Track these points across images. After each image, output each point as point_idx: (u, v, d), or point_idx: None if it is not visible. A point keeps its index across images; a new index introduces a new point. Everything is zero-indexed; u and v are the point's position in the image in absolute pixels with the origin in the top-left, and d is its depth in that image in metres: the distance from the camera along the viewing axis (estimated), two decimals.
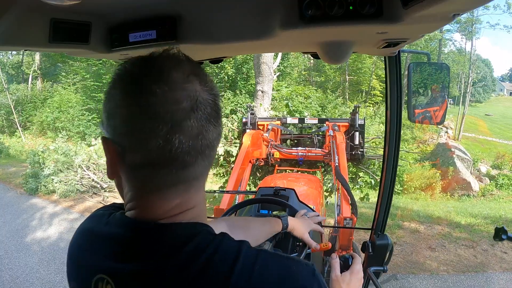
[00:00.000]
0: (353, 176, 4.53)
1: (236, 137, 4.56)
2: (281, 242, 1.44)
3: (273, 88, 8.45)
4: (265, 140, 3.25)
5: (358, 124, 3.51)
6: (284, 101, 10.29)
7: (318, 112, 9.65)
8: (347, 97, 18.61)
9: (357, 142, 3.49)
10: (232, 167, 2.56)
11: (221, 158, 4.42)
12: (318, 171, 3.82)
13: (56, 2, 0.60)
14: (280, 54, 9.30)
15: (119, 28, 0.84)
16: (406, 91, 1.19)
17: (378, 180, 3.90)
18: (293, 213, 1.40)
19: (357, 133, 3.49)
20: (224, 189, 2.52)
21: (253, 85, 10.17)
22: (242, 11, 0.78)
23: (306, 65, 20.60)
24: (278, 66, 9.50)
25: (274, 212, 1.14)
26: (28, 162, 7.03)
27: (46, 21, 0.75)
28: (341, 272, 0.96)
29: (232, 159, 4.34)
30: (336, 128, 3.42)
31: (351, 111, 3.68)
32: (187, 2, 0.78)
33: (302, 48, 1.03)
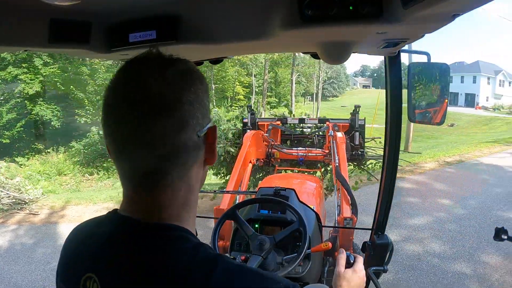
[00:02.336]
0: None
1: (236, 137, 4.56)
2: (281, 243, 1.44)
3: None
4: (266, 140, 3.25)
5: (359, 125, 3.51)
6: None
7: None
8: (214, 103, 19.99)
9: (357, 142, 3.49)
10: (233, 167, 2.55)
11: (221, 158, 4.42)
12: (318, 171, 3.82)
13: (56, 2, 0.60)
14: None
15: (119, 28, 0.84)
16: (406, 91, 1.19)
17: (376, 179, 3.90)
18: (302, 225, 1.40)
19: (357, 134, 3.49)
20: (224, 189, 2.51)
21: None
22: (242, 11, 0.78)
23: None
24: None
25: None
26: None
27: (46, 21, 0.75)
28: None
29: (233, 159, 4.34)
30: (337, 128, 3.42)
31: (352, 111, 3.67)
32: (187, 2, 0.78)
33: (302, 48, 1.03)
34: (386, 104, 1.29)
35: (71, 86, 11.28)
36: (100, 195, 6.49)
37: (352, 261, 1.00)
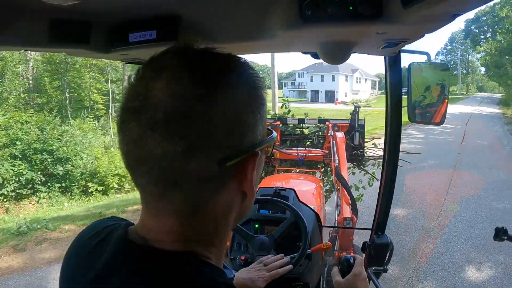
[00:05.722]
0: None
1: None
2: (281, 243, 1.44)
3: None
4: None
5: (358, 125, 3.51)
6: (2, 130, 9.62)
7: (38, 135, 9.64)
8: (69, 115, 17.41)
9: (357, 142, 3.49)
10: None
11: None
12: (318, 172, 3.82)
13: (56, 2, 0.60)
14: None
15: (119, 28, 0.84)
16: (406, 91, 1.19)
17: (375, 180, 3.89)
18: (296, 216, 1.40)
19: (357, 134, 3.49)
20: None
21: None
22: (242, 11, 0.78)
23: (25, 87, 18.51)
24: None
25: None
26: None
27: (46, 21, 0.75)
28: (344, 276, 0.94)
29: None
30: (336, 128, 3.42)
31: (351, 111, 3.67)
32: (187, 2, 0.78)
33: (302, 48, 1.03)
34: (386, 104, 1.29)
35: None
36: None
37: (352, 262, 0.97)
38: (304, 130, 4.13)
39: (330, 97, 46.67)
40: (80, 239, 0.52)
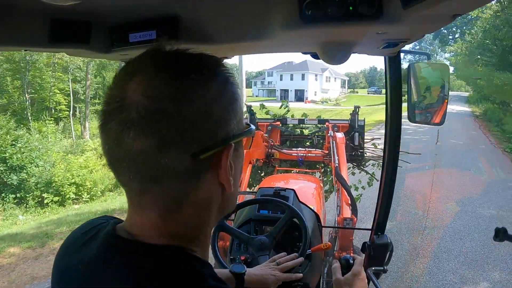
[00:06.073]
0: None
1: None
2: (281, 243, 1.44)
3: None
4: (265, 141, 3.25)
5: (358, 125, 3.51)
6: None
7: None
8: (29, 117, 16.20)
9: (356, 143, 3.49)
10: None
11: None
12: (317, 172, 3.82)
13: (56, 2, 0.60)
14: None
15: (119, 28, 0.84)
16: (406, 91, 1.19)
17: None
18: (293, 214, 1.40)
19: (357, 134, 3.49)
20: None
21: None
22: (242, 12, 0.78)
23: None
24: None
25: (231, 266, 1.01)
26: None
27: (46, 21, 0.75)
28: (343, 275, 0.95)
29: None
30: (336, 128, 3.42)
31: (351, 111, 3.67)
32: (187, 2, 0.78)
33: (302, 48, 1.03)
34: (386, 104, 1.29)
35: None
36: None
37: (351, 262, 0.97)
38: (303, 130, 4.13)
39: (300, 96, 46.20)
40: (71, 237, 0.54)
